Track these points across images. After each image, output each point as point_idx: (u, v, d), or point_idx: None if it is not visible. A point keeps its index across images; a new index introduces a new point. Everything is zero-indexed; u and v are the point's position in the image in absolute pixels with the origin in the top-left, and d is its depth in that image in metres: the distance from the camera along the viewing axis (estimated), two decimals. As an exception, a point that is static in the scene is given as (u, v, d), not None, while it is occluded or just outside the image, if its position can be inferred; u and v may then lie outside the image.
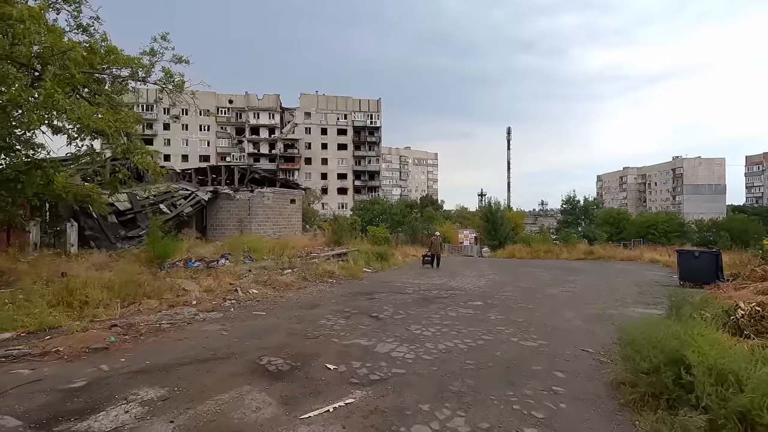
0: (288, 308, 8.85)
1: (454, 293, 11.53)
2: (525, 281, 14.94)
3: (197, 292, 9.20)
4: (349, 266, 15.63)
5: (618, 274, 18.30)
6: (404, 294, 11.22)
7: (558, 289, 12.89)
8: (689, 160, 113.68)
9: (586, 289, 13.22)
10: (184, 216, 24.93)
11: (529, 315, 8.73)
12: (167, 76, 15.24)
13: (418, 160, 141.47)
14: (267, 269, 13.04)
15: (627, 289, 13.21)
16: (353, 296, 10.61)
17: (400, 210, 55.62)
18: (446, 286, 13.07)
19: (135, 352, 5.59)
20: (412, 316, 8.38)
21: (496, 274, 17.65)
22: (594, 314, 9.09)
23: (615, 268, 21.48)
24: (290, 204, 28.66)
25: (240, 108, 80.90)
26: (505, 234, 49.97)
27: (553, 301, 10.58)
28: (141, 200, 24.75)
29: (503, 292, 11.91)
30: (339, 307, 9.03)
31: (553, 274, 17.82)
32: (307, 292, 11.02)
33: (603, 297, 11.53)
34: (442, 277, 15.78)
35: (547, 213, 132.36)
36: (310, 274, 13.20)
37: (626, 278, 16.67)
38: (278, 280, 11.45)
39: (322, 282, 12.74)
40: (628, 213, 71.26)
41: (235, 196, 26.04)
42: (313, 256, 16.39)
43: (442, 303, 9.90)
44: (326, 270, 14.08)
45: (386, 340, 6.48)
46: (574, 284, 14.34)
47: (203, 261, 13.38)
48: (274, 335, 6.67)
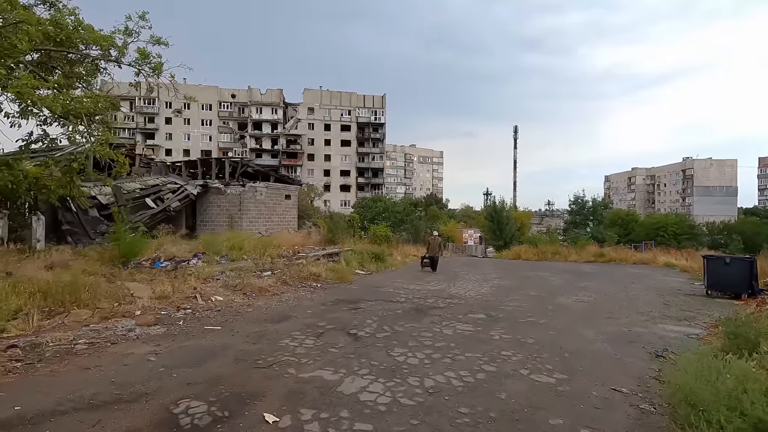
0: (251, 321, 7.39)
1: (452, 303, 10.03)
2: (533, 287, 13.43)
3: (147, 300, 7.78)
4: (339, 268, 14.17)
5: (633, 280, 16.73)
6: (395, 303, 9.73)
7: (571, 298, 11.37)
8: (700, 161, 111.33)
9: (602, 298, 11.68)
10: (171, 211, 23.58)
11: (541, 334, 7.22)
12: (143, 57, 13.80)
13: (423, 158, 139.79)
14: (244, 271, 11.62)
15: (649, 299, 11.67)
16: (335, 305, 9.13)
17: (403, 208, 54.01)
18: (445, 293, 11.57)
19: (13, 390, 4.15)
20: (398, 334, 6.89)
21: (501, 278, 16.14)
22: (618, 333, 7.58)
23: (629, 273, 19.90)
24: (285, 200, 27.26)
25: (243, 103, 79.64)
26: (510, 234, 48.33)
27: (567, 314, 9.07)
28: (126, 194, 23.43)
29: (509, 302, 10.41)
30: (313, 320, 7.55)
31: (563, 279, 16.30)
32: (283, 299, 9.56)
33: (624, 309, 10.00)
34: (441, 281, 14.29)
35: (554, 213, 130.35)
36: (291, 277, 11.76)
37: (644, 285, 15.13)
38: (252, 285, 10.01)
39: (304, 286, 11.29)
40: (637, 214, 69.37)
41: (225, 191, 24.67)
42: (300, 256, 14.95)
43: (437, 316, 8.41)
44: (311, 272, 12.63)
45: (358, 372, 4.99)
46: (588, 292, 12.81)
47: (173, 261, 11.98)
48: (217, 361, 5.22)
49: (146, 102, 77.98)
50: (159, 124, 78.59)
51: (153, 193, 24.27)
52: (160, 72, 14.28)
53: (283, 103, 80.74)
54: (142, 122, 78.52)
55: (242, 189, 24.04)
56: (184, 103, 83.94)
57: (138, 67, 14.03)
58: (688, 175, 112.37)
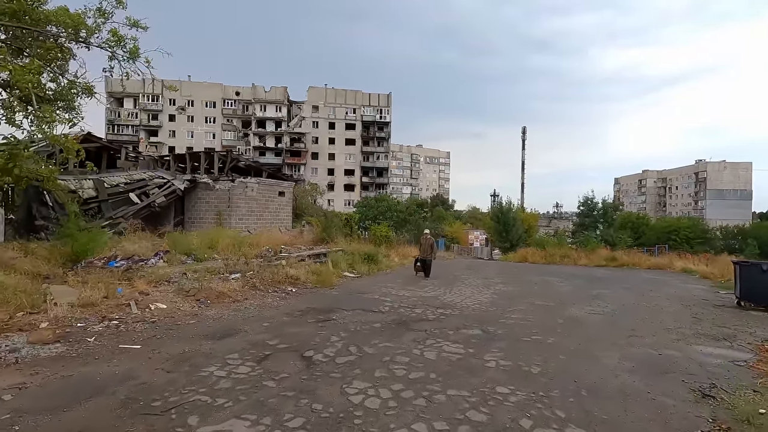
0: (185, 337, 5.93)
1: (444, 314, 8.51)
2: (540, 295, 11.87)
3: (65, 308, 6.35)
4: (323, 270, 12.70)
5: (651, 287, 15.12)
6: (376, 313, 8.23)
7: (584, 309, 9.80)
8: (713, 163, 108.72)
9: (620, 309, 10.10)
10: (155, 207, 22.24)
11: (549, 358, 5.69)
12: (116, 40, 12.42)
13: (430, 158, 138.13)
14: (209, 272, 10.19)
15: (674, 311, 10.07)
16: (301, 316, 7.65)
17: (406, 207, 52.49)
18: (438, 300, 10.05)
19: None
20: (366, 358, 5.39)
21: (505, 283, 14.59)
22: (646, 357, 6.04)
23: (645, 279, 18.25)
24: (278, 197, 25.83)
25: (246, 100, 78.56)
26: (517, 236, 46.63)
27: (581, 331, 7.51)
28: (109, 188, 22.13)
29: (511, 313, 8.87)
30: (264, 337, 6.08)
31: (573, 285, 14.72)
32: (243, 307, 8.10)
33: (648, 324, 8.43)
34: (437, 286, 12.75)
35: (562, 215, 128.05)
36: (263, 281, 10.29)
37: (664, 293, 13.52)
38: (210, 290, 8.56)
39: (276, 291, 9.81)
40: (648, 217, 67.29)
41: (214, 186, 23.28)
42: (281, 257, 13.49)
43: (422, 331, 6.89)
44: (289, 275, 11.16)
45: (288, 424, 3.50)
46: (603, 301, 11.23)
47: (131, 259, 10.57)
48: (97, 402, 3.75)
49: (150, 99, 77.25)
50: (162, 121, 77.75)
51: (138, 188, 22.95)
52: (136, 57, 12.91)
53: (288, 101, 79.56)
54: (146, 119, 77.63)
55: (231, 184, 22.65)
56: (187, 100, 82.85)
57: (110, 49, 12.70)
58: (700, 178, 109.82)
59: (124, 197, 22.41)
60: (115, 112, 77.10)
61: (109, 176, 23.04)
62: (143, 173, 24.44)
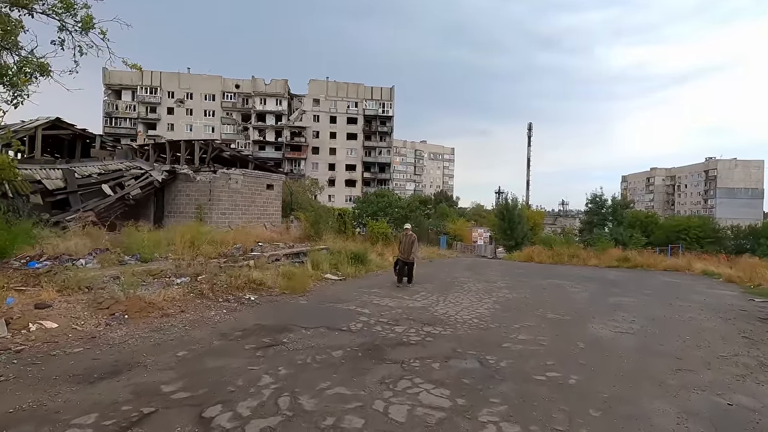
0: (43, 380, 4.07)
1: (433, 333, 6.65)
2: (551, 304, 9.99)
3: None
4: (297, 273, 10.86)
5: (676, 293, 13.22)
6: (343, 333, 6.39)
7: (607, 325, 7.90)
8: (724, 161, 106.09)
9: (650, 324, 8.18)
10: (130, 199, 20.44)
11: (576, 416, 3.83)
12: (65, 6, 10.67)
13: (434, 154, 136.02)
14: (153, 275, 8.39)
15: (716, 328, 8.16)
16: (240, 338, 5.80)
17: (407, 204, 50.52)
18: (427, 313, 8.17)
19: None
20: (298, 420, 3.54)
21: (510, 287, 12.71)
22: (713, 409, 4.18)
23: (665, 283, 16.34)
24: (266, 190, 23.98)
25: (246, 93, 76.77)
26: (522, 234, 44.68)
27: (612, 363, 5.63)
28: (80, 179, 20.37)
29: (517, 333, 6.99)
30: (163, 378, 4.24)
31: (588, 291, 12.83)
32: (169, 324, 6.24)
33: (693, 348, 6.53)
34: (430, 293, 10.89)
35: (567, 213, 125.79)
36: (217, 287, 8.47)
37: (692, 301, 11.63)
38: (139, 300, 6.75)
39: (228, 301, 7.99)
40: (657, 216, 65.06)
41: (194, 178, 21.46)
42: (251, 256, 11.66)
43: (397, 364, 5.04)
44: (252, 279, 9.33)
45: None
46: (627, 312, 9.32)
47: (58, 259, 8.78)
48: None
49: (148, 91, 75.68)
50: (161, 114, 76.17)
51: (113, 179, 21.18)
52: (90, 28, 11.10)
53: (288, 94, 77.69)
54: (144, 112, 76.06)
55: (213, 176, 20.83)
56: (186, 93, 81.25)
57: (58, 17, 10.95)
58: (710, 176, 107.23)
59: (97, 189, 20.67)
60: (113, 105, 75.63)
61: (82, 166, 21.27)
62: (120, 163, 22.69)
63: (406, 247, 12.60)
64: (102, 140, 22.90)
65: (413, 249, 12.60)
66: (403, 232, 13.60)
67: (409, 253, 12.49)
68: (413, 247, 12.64)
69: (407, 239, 12.78)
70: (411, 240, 12.70)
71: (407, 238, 12.81)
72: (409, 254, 12.49)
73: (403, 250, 12.66)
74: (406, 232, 13.30)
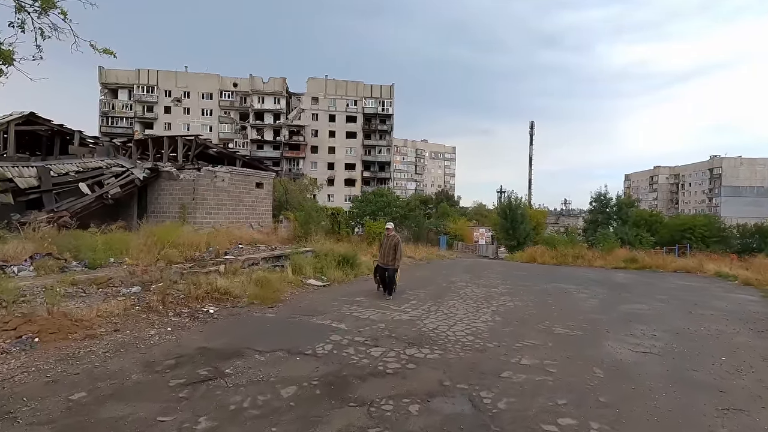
0: None
1: (416, 358, 5.45)
2: (558, 314, 8.80)
3: None
4: (271, 280, 9.69)
5: (693, 298, 12.02)
6: (305, 358, 5.20)
7: (626, 342, 6.70)
8: (729, 159, 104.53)
9: (675, 341, 6.95)
10: (108, 199, 19.31)
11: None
12: None
13: (435, 153, 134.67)
14: (97, 284, 7.22)
15: (751, 344, 6.94)
16: (171, 369, 4.60)
17: (406, 203, 49.32)
18: (413, 329, 6.96)
19: None
20: None
21: (512, 293, 11.53)
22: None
23: (678, 287, 15.12)
24: (255, 189, 22.84)
25: (244, 92, 75.69)
26: (525, 233, 43.44)
27: (638, 397, 4.45)
28: (56, 177, 19.24)
29: (520, 355, 5.80)
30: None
31: (597, 297, 11.62)
32: (87, 349, 5.02)
33: (734, 375, 5.33)
34: (422, 301, 9.70)
35: (570, 213, 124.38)
36: (172, 297, 7.30)
37: (715, 308, 10.41)
38: (65, 315, 5.59)
39: (181, 315, 6.82)
40: (662, 214, 63.71)
41: (178, 176, 20.32)
42: (223, 260, 10.48)
43: (362, 410, 3.85)
44: (217, 288, 8.15)
45: None
46: (646, 325, 8.09)
47: (-10, 266, 7.64)
48: None
49: (145, 90, 74.71)
50: (158, 113, 75.17)
51: (92, 177, 20.05)
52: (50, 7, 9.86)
53: (287, 93, 76.57)
54: (141, 111, 75.05)
55: (197, 173, 19.68)
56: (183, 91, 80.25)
57: (16, -4, 9.73)
58: (715, 175, 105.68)
59: (75, 188, 19.54)
60: (110, 104, 74.67)
61: (59, 164, 20.15)
62: (101, 161, 21.56)
63: (387, 251, 10.49)
64: (81, 137, 21.75)
65: (396, 254, 10.49)
66: (385, 233, 11.27)
67: (390, 258, 10.42)
68: (396, 251, 10.52)
69: (389, 241, 10.67)
70: (393, 243, 10.60)
71: (389, 240, 10.70)
72: (390, 259, 10.42)
73: (384, 255, 10.59)
74: (387, 232, 11.09)
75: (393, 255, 10.40)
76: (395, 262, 10.39)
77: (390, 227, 11.35)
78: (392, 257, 10.39)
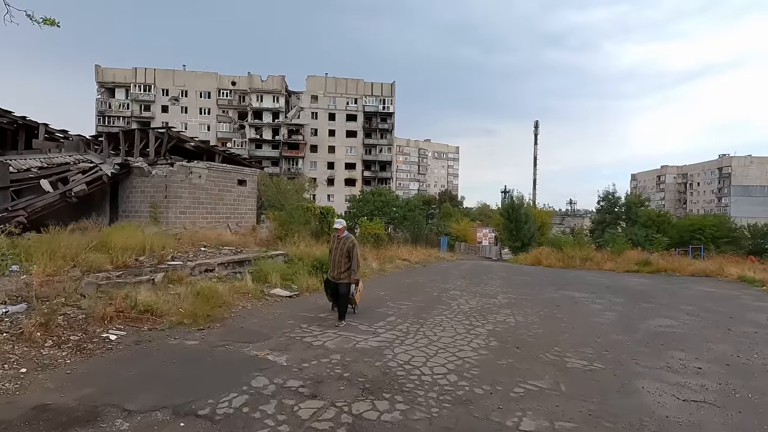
0: None
1: (364, 421, 3.68)
2: (570, 335, 6.99)
3: None
4: (221, 290, 7.95)
5: (726, 309, 10.24)
6: (193, 426, 3.47)
7: (666, 382, 4.89)
8: (739, 158, 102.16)
9: (731, 377, 5.17)
10: (72, 197, 17.60)
11: None
12: None
13: (438, 153, 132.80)
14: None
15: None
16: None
17: (406, 203, 47.53)
18: (376, 365, 5.09)
19: None
20: None
21: (513, 304, 9.73)
22: None
23: (703, 294, 13.26)
24: (238, 186, 21.11)
25: (243, 90, 74.23)
26: (529, 234, 41.63)
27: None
28: (15, 173, 17.58)
29: (521, 411, 4.03)
30: None
31: (614, 309, 9.80)
32: None
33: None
34: (402, 317, 7.91)
35: (576, 213, 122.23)
36: (65, 320, 5.56)
37: (755, 324, 8.61)
38: None
39: (65, 343, 5.07)
40: (670, 214, 61.57)
41: (150, 171, 18.62)
42: (163, 268, 8.72)
43: None
44: (135, 305, 6.40)
45: None
46: (684, 352, 6.28)
47: None
48: None
49: (142, 89, 73.43)
50: (155, 112, 73.90)
51: (56, 174, 18.37)
52: None
53: (286, 91, 74.99)
54: (138, 110, 73.78)
55: (170, 169, 18.00)
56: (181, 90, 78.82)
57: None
58: (724, 174, 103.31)
59: (37, 185, 17.88)
60: (106, 103, 73.45)
61: (20, 159, 18.51)
62: (68, 156, 19.90)
63: (338, 260, 7.58)
64: (48, 130, 20.13)
65: (351, 263, 7.52)
66: (335, 234, 7.95)
67: (342, 270, 7.51)
68: (351, 259, 7.54)
69: (340, 245, 7.66)
70: (346, 248, 7.58)
71: (339, 244, 7.68)
72: (342, 271, 7.51)
73: (334, 265, 7.68)
74: (337, 233, 7.85)
75: (346, 265, 7.52)
76: (350, 275, 7.51)
77: (340, 227, 7.83)
78: (345, 268, 7.51)
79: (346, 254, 7.55)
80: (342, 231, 7.76)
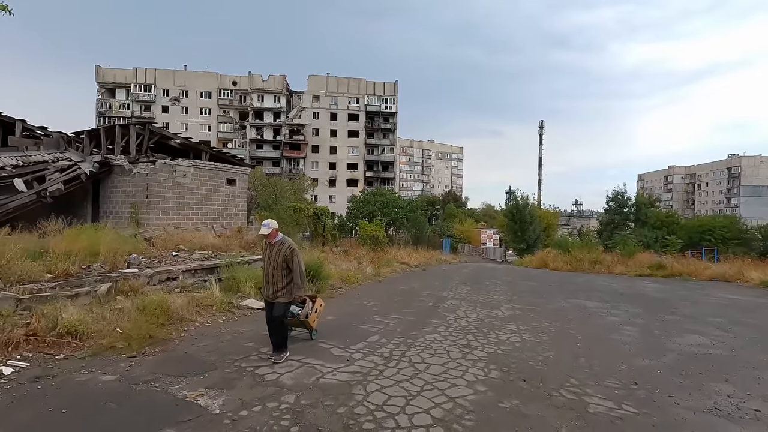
0: None
1: None
2: (586, 359, 5.77)
3: None
4: (179, 303, 6.79)
5: (760, 322, 9.00)
6: None
7: (714, 428, 3.72)
8: (748, 158, 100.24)
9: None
10: (46, 197, 16.50)
11: None
12: None
13: (442, 153, 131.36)
14: None
15: None
16: None
17: (407, 203, 46.24)
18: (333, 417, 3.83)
19: None
20: None
21: (518, 318, 8.50)
22: None
23: (727, 302, 12.01)
24: (226, 186, 19.95)
25: (244, 90, 73.23)
26: (534, 236, 40.24)
27: None
28: (-12, 172, 16.53)
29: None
30: None
31: (634, 323, 8.55)
32: None
33: None
34: (386, 336, 6.71)
35: (581, 214, 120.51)
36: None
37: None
38: None
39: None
40: (679, 215, 59.96)
41: (131, 170, 17.50)
42: (113, 277, 7.55)
43: None
44: (57, 324, 5.24)
45: None
46: (729, 382, 5.07)
47: None
48: None
49: (142, 89, 72.62)
50: (155, 112, 72.99)
51: (32, 173, 17.30)
52: None
53: (287, 91, 73.91)
54: (138, 110, 72.96)
55: (152, 167, 16.88)
56: (181, 90, 77.97)
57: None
58: (734, 174, 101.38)
59: (9, 183, 16.81)
60: (107, 104, 72.65)
61: (-3, 156, 17.46)
62: (47, 154, 18.84)
63: (273, 272, 5.48)
64: (26, 127, 19.05)
65: (294, 275, 5.51)
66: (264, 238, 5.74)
67: (279, 286, 5.48)
68: (289, 269, 5.51)
69: (273, 254, 5.51)
70: (282, 256, 5.47)
71: (273, 252, 5.52)
72: (279, 288, 5.48)
73: (268, 280, 5.54)
74: (267, 239, 5.64)
75: (284, 279, 5.49)
76: (287, 292, 5.51)
77: (267, 230, 5.52)
78: (283, 284, 5.49)
79: (283, 265, 5.46)
80: (273, 235, 5.57)
